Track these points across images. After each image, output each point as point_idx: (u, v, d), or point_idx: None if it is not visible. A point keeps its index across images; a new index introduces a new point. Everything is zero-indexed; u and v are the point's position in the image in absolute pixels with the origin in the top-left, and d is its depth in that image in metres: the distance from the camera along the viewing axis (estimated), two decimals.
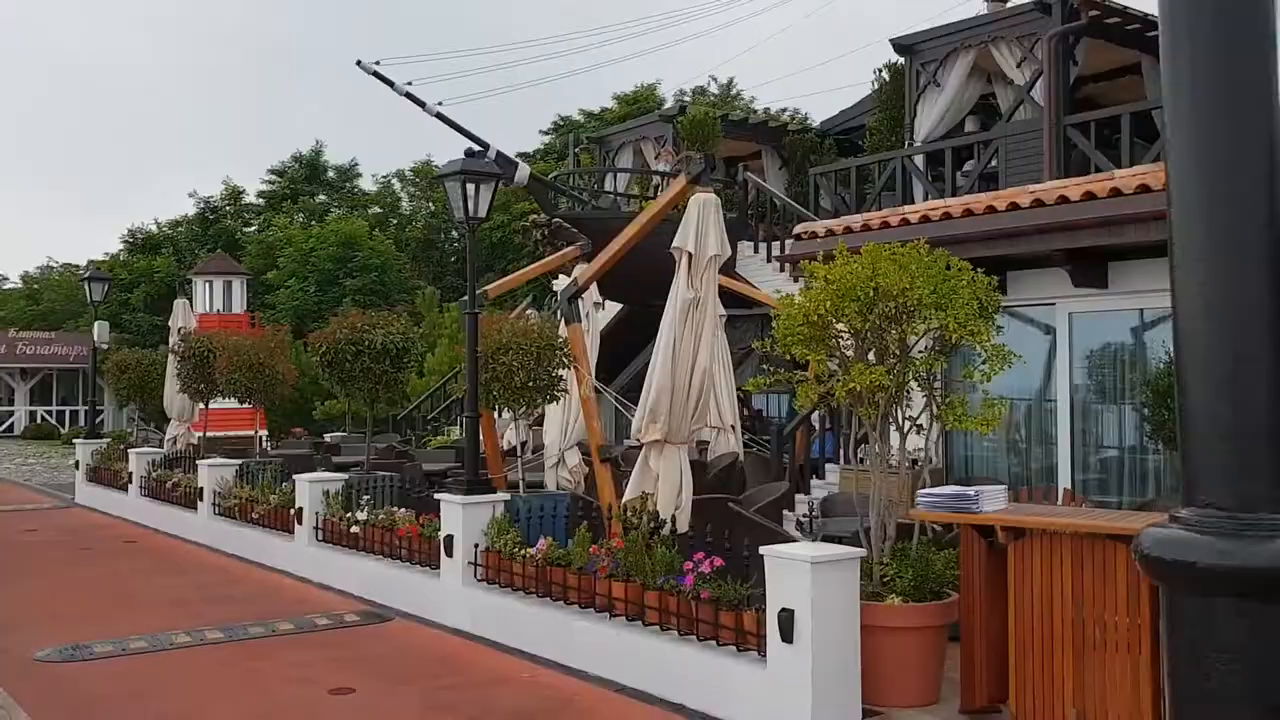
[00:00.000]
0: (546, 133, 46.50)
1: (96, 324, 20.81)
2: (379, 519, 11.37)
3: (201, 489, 15.01)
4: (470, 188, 10.07)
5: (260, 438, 17.20)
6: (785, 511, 11.51)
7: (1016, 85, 17.87)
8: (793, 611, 6.81)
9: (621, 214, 18.98)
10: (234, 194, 46.39)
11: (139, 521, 17.02)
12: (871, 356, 7.45)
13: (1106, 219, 9.93)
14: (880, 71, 20.25)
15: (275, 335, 15.83)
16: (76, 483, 20.40)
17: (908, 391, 7.52)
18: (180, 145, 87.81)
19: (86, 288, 20.76)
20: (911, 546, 7.44)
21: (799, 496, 12.65)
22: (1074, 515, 6.62)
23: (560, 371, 10.65)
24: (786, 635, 6.83)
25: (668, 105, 39.35)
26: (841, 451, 14.87)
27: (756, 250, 19.40)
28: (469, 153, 10.31)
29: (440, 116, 17.26)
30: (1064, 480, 11.49)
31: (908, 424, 7.59)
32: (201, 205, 45.57)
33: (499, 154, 17.69)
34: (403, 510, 11.33)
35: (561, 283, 22.81)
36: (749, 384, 7.78)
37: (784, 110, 37.63)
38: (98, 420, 45.66)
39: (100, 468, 19.35)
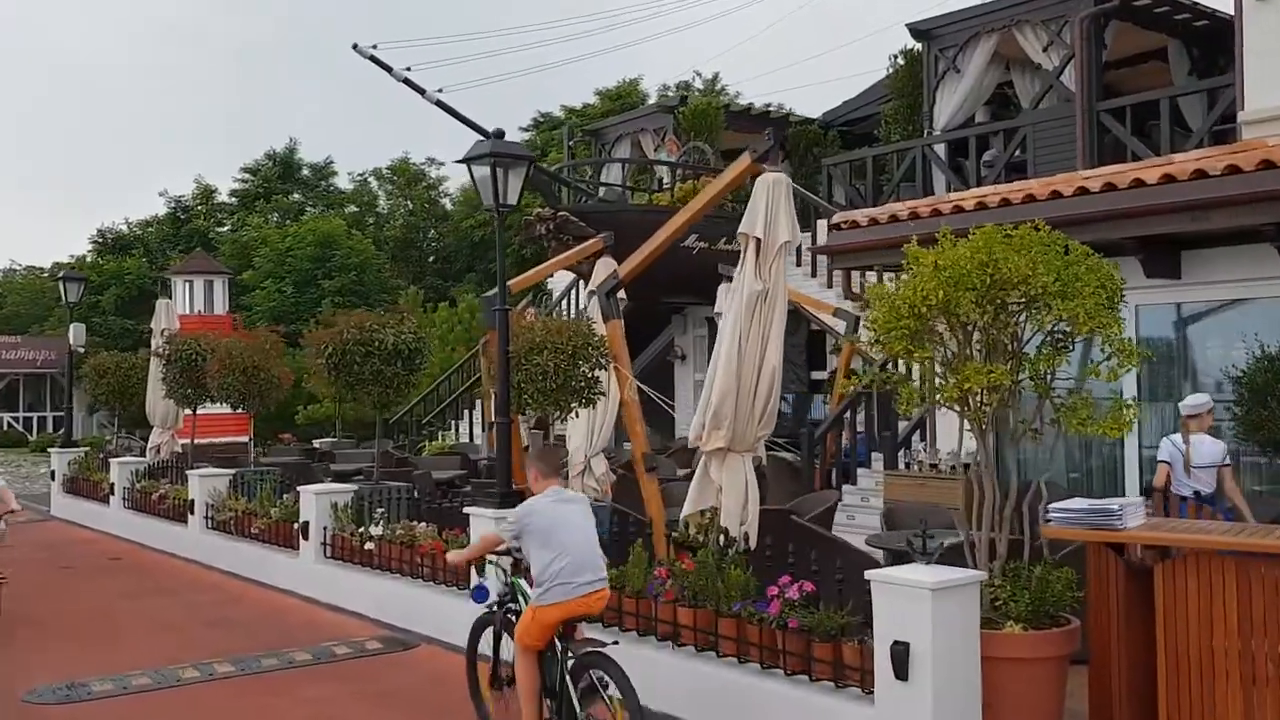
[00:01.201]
0: (526, 129, 45.50)
1: (72, 326, 19.70)
2: (396, 534, 10.44)
3: (192, 501, 14.01)
4: (499, 172, 9.18)
5: (251, 444, 16.19)
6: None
7: (1041, 71, 17.19)
8: (908, 645, 5.97)
9: (629, 206, 18.12)
10: (206, 193, 45.07)
11: (123, 536, 15.98)
12: (975, 352, 6.62)
13: (1190, 203, 9.17)
14: (895, 58, 19.46)
15: (269, 337, 14.83)
16: (52, 494, 19.30)
17: (1019, 392, 6.69)
18: (149, 146, 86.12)
19: (62, 288, 19.67)
20: (1024, 565, 6.60)
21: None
22: (1235, 532, 5.82)
23: (596, 372, 9.77)
24: (901, 672, 5.99)
25: (651, 100, 38.57)
26: (880, 455, 14.10)
27: None
28: (497, 133, 9.41)
29: (440, 104, 16.35)
30: (1131, 485, 10.74)
31: (1021, 428, 6.75)
32: (173, 205, 44.23)
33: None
34: (423, 525, 10.41)
35: (562, 280, 22.09)
36: (839, 385, 6.95)
37: (767, 105, 36.80)
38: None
39: (78, 478, 18.28)
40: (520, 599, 6.74)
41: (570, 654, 6.25)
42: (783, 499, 12.70)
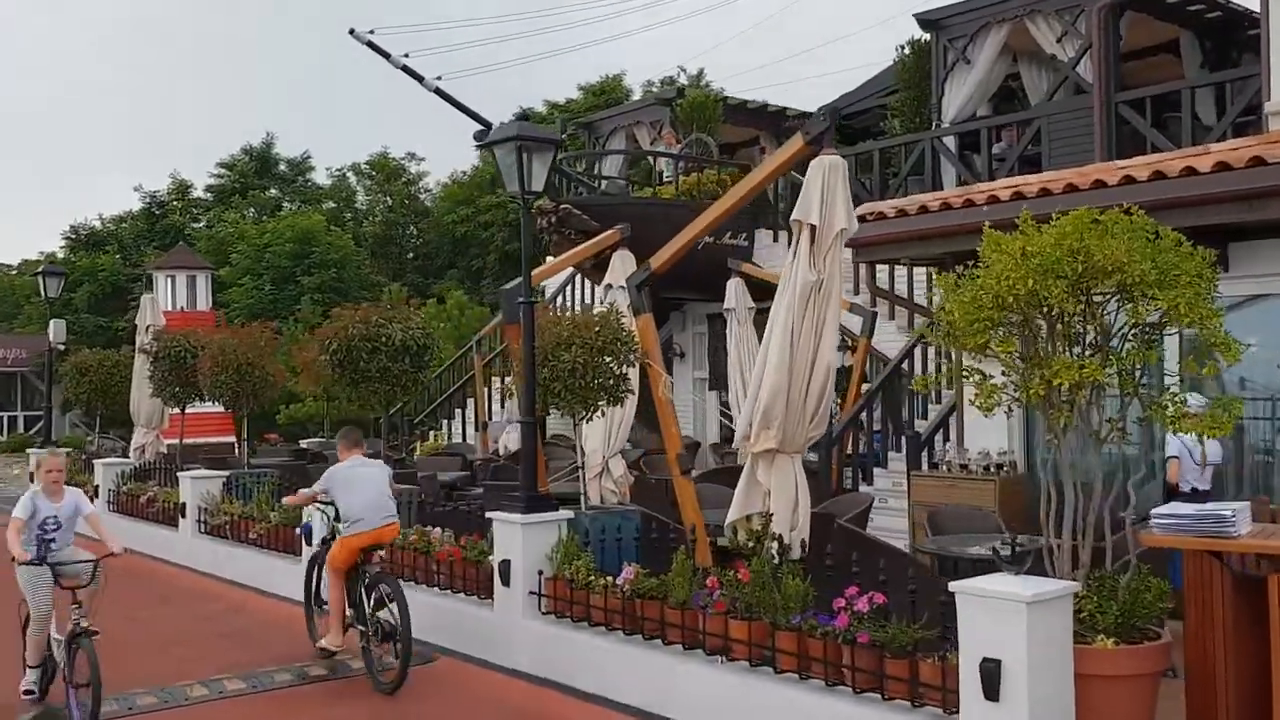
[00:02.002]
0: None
1: (52, 323, 19.00)
2: (410, 541, 9.91)
3: (184, 504, 13.41)
4: (525, 155, 8.66)
5: (244, 445, 15.54)
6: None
7: (1050, 63, 16.83)
8: (999, 662, 5.52)
9: (632, 199, 17.62)
10: (181, 188, 44.18)
11: None
12: (1057, 346, 6.17)
13: (1248, 192, 8.77)
14: (903, 49, 19.03)
15: (263, 333, 14.23)
16: None
17: (1103, 389, 6.24)
18: (120, 141, 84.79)
19: (41, 283, 18.93)
20: (1109, 574, 6.16)
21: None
22: None
23: (623, 369, 9.28)
24: (991, 691, 5.54)
25: (636, 95, 38.02)
26: (898, 455, 13.67)
27: (776, 239, 18.15)
28: (524, 115, 8.93)
29: (438, 92, 15.82)
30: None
31: (1105, 426, 6.30)
32: (147, 200, 43.31)
33: None
34: (439, 530, 9.88)
35: (558, 275, 21.56)
36: (916, 382, 6.48)
37: (765, 102, 36.37)
38: (37, 427, 43.60)
39: None
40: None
41: (366, 574, 8.58)
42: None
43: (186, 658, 9.01)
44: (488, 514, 8.89)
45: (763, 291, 15.73)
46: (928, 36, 18.04)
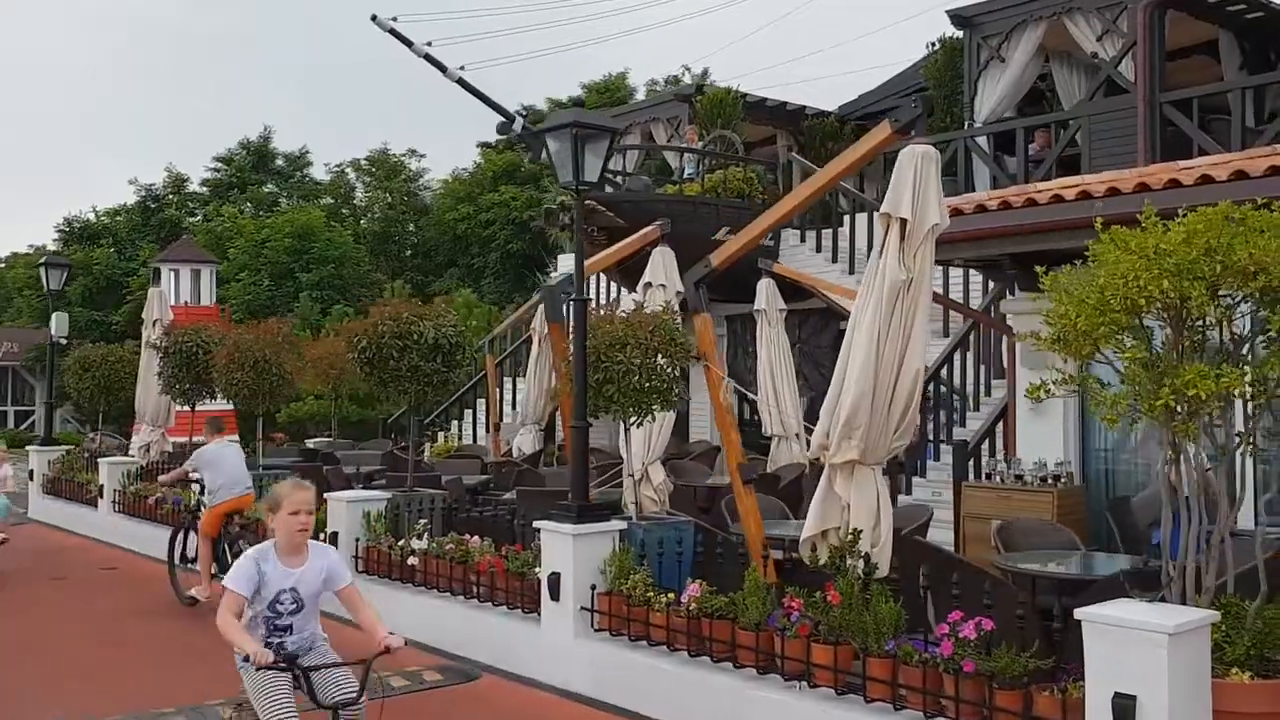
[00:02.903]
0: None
1: (55, 316, 18.40)
2: (446, 549, 9.39)
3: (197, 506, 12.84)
4: (579, 144, 8.16)
5: (259, 445, 14.94)
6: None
7: (1082, 63, 16.42)
8: (1134, 699, 5.04)
9: (656, 196, 17.11)
10: (177, 182, 43.49)
11: (114, 543, 14.77)
12: (1184, 352, 5.70)
13: None
14: (933, 46, 18.59)
15: (281, 328, 13.67)
16: (30, 495, 17.99)
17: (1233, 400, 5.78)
18: (113, 134, 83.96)
19: (43, 274, 18.34)
20: (1237, 601, 5.69)
21: None
22: None
23: (675, 371, 8.79)
24: None
25: (640, 95, 37.50)
26: (937, 463, 13.22)
27: (804, 239, 17.68)
28: (579, 102, 8.40)
29: (461, 82, 15.32)
30: (1245, 501, 9.89)
31: (1236, 439, 5.84)
32: (142, 193, 42.58)
33: (525, 127, 15.80)
34: (476, 539, 9.36)
35: (560, 272, 21.03)
36: (1029, 390, 5.98)
37: (783, 101, 35.76)
38: (28, 423, 42.88)
39: (61, 479, 17.00)
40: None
41: (228, 535, 10.59)
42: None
43: (214, 674, 8.34)
44: (535, 523, 8.37)
45: (792, 292, 15.30)
46: (960, 34, 17.62)
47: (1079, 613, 5.29)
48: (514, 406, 19.45)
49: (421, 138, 76.23)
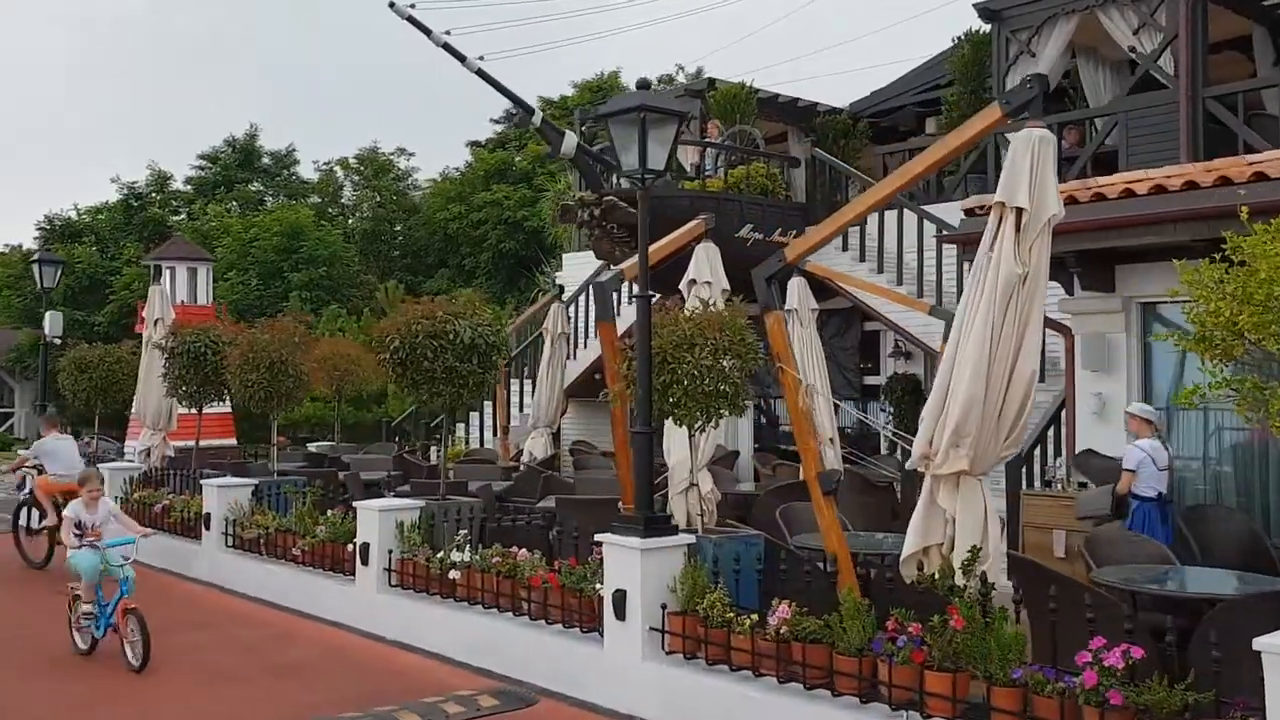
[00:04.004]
0: (498, 121, 43.69)
1: (49, 315, 17.70)
2: (491, 562, 8.82)
3: (208, 515, 12.23)
4: (645, 129, 7.61)
5: (273, 449, 14.33)
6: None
7: (1116, 58, 15.99)
8: None
9: (679, 192, 16.57)
10: (160, 180, 42.59)
11: None
12: None
13: None
14: (960, 40, 18.14)
15: (297, 327, 13.04)
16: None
17: None
18: (94, 132, 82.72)
19: (36, 271, 17.62)
20: None
21: None
22: None
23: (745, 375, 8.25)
24: None
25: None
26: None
27: None
28: (642, 84, 7.86)
29: (480, 73, 14.67)
30: None
31: None
32: (125, 191, 41.66)
33: (544, 121, 15.20)
34: (524, 551, 8.79)
35: (584, 271, 20.47)
36: (1181, 396, 5.49)
37: (795, 97, 35.16)
38: (7, 425, 41.91)
39: None
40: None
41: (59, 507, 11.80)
42: (869, 522, 11.23)
43: (248, 699, 7.87)
44: (597, 535, 7.80)
45: (823, 291, 14.81)
46: (986, 28, 17.17)
47: (1258, 643, 4.78)
48: (521, 409, 18.87)
49: (410, 137, 75.46)
